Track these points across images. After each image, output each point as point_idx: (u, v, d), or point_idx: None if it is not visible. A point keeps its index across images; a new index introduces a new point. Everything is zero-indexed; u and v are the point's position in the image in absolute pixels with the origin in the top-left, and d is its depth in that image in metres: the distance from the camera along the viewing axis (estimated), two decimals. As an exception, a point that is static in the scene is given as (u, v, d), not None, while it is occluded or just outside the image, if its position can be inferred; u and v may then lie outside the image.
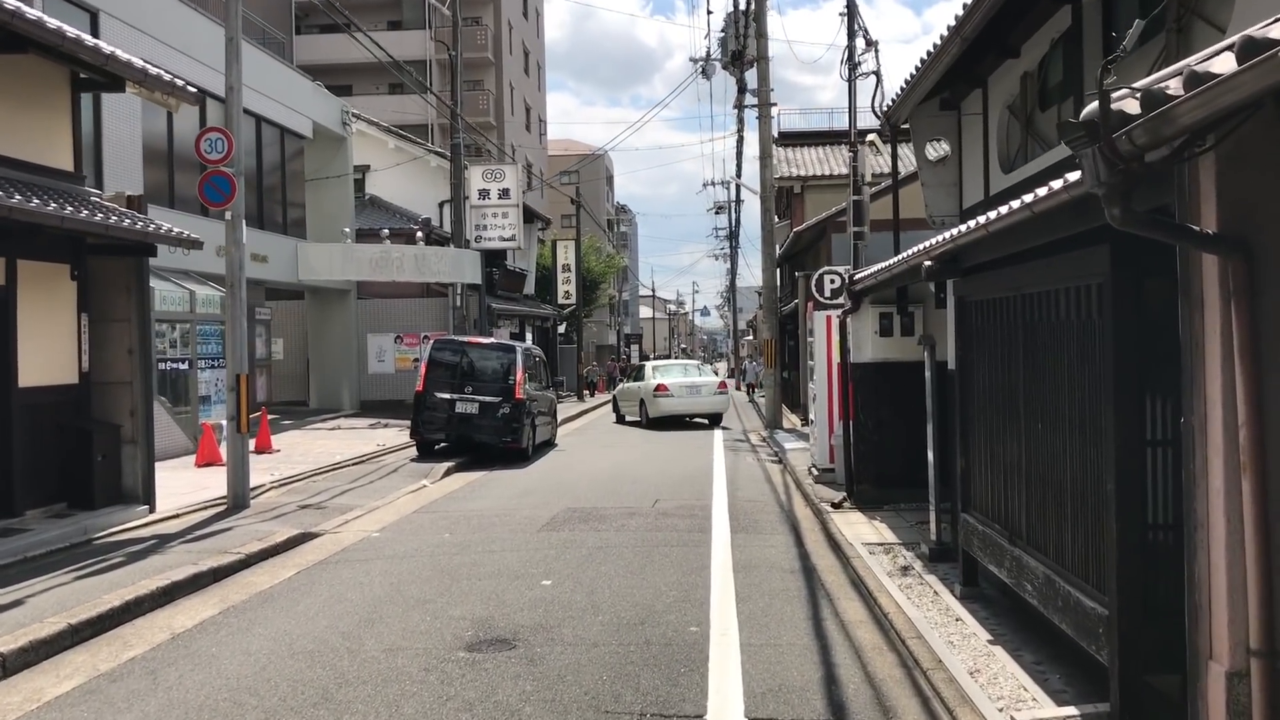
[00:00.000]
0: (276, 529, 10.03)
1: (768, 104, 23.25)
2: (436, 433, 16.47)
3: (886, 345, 11.08)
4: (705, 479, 13.96)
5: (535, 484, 13.71)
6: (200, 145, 11.09)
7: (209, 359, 17.74)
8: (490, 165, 26.72)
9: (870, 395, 11.14)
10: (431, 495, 12.93)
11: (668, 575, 7.89)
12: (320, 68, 43.73)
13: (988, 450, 6.52)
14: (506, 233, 26.02)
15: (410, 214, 28.31)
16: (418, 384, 16.53)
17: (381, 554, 9.05)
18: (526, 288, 36.89)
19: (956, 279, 7.06)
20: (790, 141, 34.81)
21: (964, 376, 7.10)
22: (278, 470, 14.56)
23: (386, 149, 29.35)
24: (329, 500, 12.31)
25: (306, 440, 19.10)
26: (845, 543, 9.06)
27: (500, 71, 50.20)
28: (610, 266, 50.74)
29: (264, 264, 21.38)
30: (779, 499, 12.17)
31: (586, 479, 14.06)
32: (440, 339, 17.06)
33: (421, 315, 26.98)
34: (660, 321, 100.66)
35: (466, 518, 10.96)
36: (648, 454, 17.58)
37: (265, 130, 22.07)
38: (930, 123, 11.23)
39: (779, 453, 17.18)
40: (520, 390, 16.32)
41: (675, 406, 23.97)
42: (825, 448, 13.13)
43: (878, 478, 11.11)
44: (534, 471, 15.28)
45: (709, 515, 10.81)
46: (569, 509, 11.32)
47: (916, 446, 11.13)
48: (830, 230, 23.20)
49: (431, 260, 24.48)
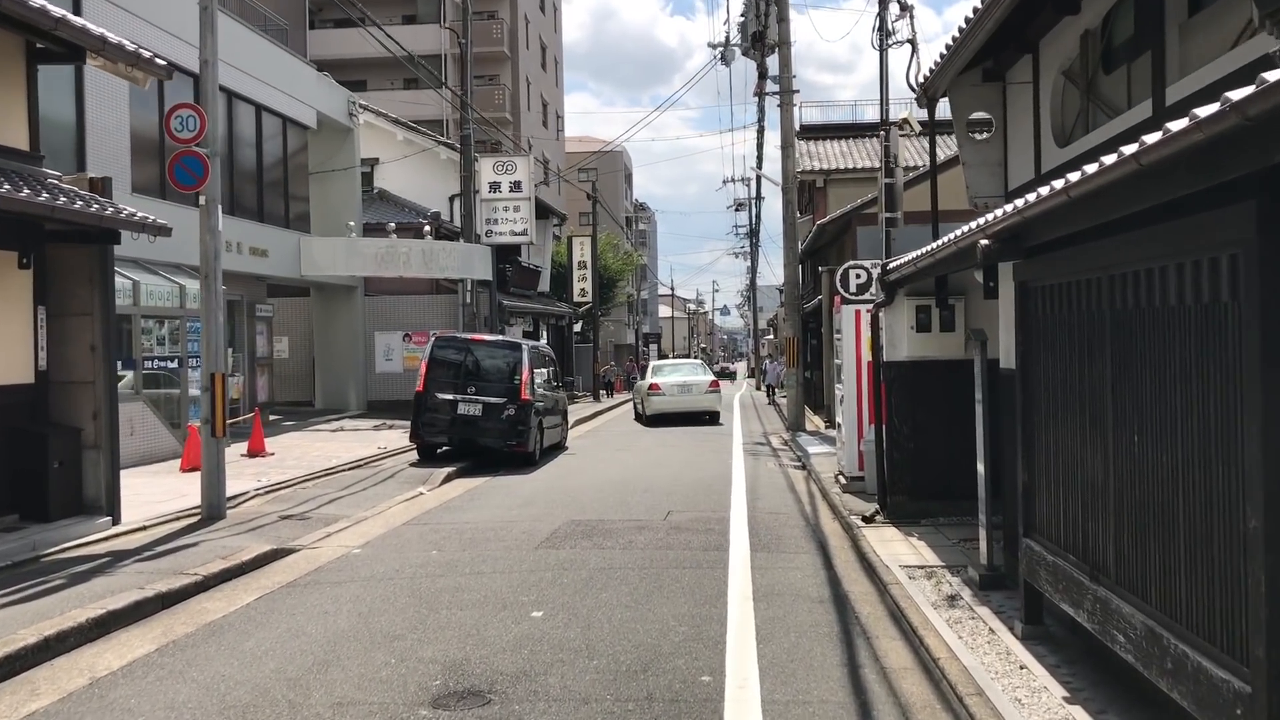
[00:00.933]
0: (247, 544, 9.07)
1: (790, 91, 22.16)
2: (438, 436, 15.49)
3: (924, 342, 10.01)
4: (723, 487, 12.91)
5: (539, 492, 12.71)
6: (170, 123, 10.15)
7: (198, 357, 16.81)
8: (501, 157, 25.75)
9: (905, 398, 10.07)
10: (426, 504, 11.94)
11: (677, 605, 6.85)
12: (334, 63, 42.94)
13: (1058, 465, 5.45)
14: (518, 227, 25.04)
15: (420, 208, 27.38)
16: (418, 384, 15.54)
17: (357, 575, 8.06)
18: (541, 285, 35.92)
19: (1017, 262, 5.99)
20: (812, 135, 33.90)
21: (1026, 376, 6.03)
22: (267, 476, 13.63)
23: (395, 141, 28.42)
24: (315, 510, 11.36)
25: (305, 443, 18.18)
26: (880, 564, 7.99)
27: (516, 66, 49.26)
28: (628, 264, 49.73)
29: (264, 258, 20.50)
30: (803, 511, 11.11)
31: (594, 487, 13.04)
32: (442, 336, 16.09)
33: (430, 313, 26.04)
34: (680, 321, 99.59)
35: (459, 531, 9.96)
36: (662, 459, 16.55)
37: (266, 120, 21.18)
38: (972, 95, 10.12)
39: (802, 458, 16.10)
40: (526, 391, 15.32)
41: (667, 405, 24.62)
42: (854, 454, 12.06)
43: (914, 489, 10.04)
44: (539, 478, 14.27)
45: (726, 530, 9.76)
46: (572, 522, 10.30)
47: (958, 454, 10.06)
48: (856, 223, 22.08)
49: (440, 255, 23.53)
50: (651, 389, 25.00)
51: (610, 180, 72.41)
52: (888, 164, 11.29)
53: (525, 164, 25.26)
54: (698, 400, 24.95)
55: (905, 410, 10.06)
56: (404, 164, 28.55)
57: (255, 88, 20.30)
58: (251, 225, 20.19)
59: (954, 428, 9.97)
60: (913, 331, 10.02)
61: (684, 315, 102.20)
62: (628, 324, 68.36)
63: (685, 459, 16.47)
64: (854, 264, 15.59)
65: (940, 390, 10.01)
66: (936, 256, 7.35)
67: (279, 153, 21.92)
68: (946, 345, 9.99)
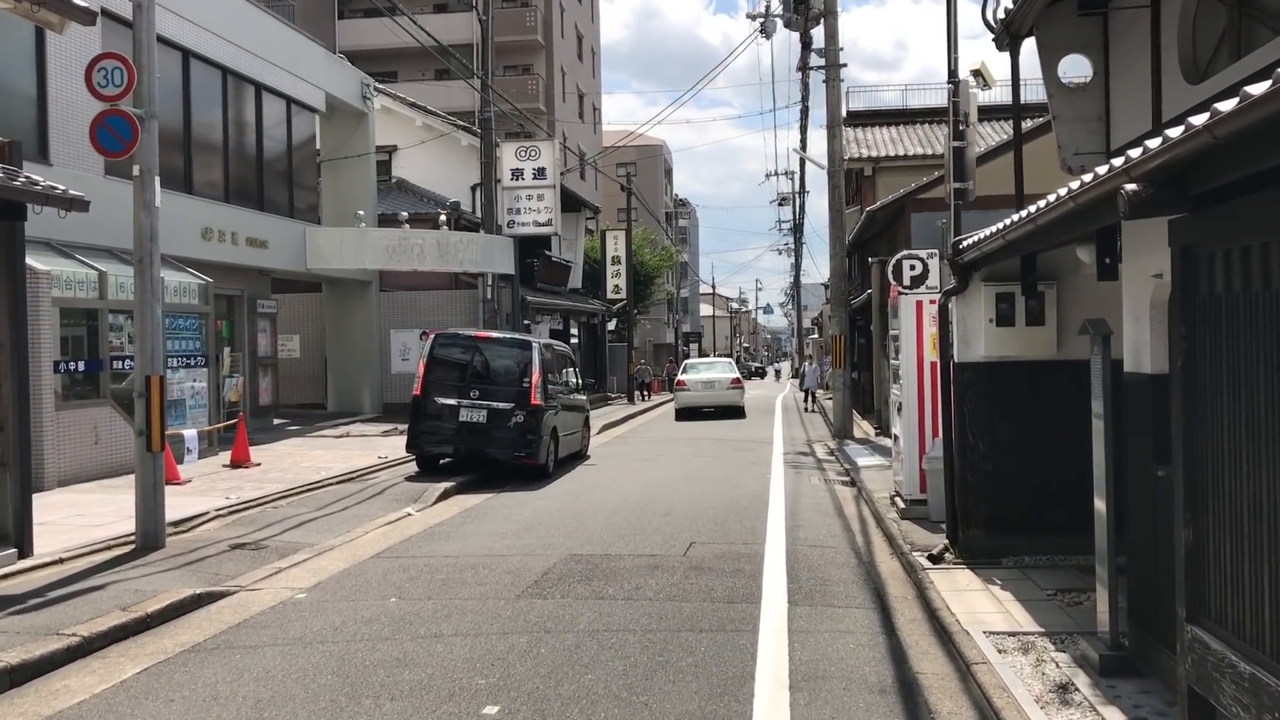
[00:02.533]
0: (167, 587, 7.38)
1: (836, 65, 20.22)
2: (438, 446, 13.78)
3: (1005, 339, 8.08)
4: (758, 509, 11.05)
5: (543, 514, 10.92)
6: (91, 77, 8.47)
7: (181, 356, 15.27)
8: (524, 142, 24.04)
9: (982, 407, 8.14)
10: (409, 529, 10.21)
11: (685, 697, 5.02)
12: (364, 53, 41.65)
13: (1250, 518, 3.56)
14: (542, 217, 23.29)
15: (440, 198, 25.76)
16: (415, 386, 13.83)
17: (284, 635, 6.32)
18: (572, 281, 34.19)
19: (1177, 219, 4.09)
20: (860, 121, 32.02)
21: (1190, 386, 4.11)
22: (240, 492, 11.99)
23: (414, 127, 26.83)
24: (276, 536, 9.68)
25: (300, 451, 16.56)
26: (958, 628, 6.10)
27: (551, 55, 47.61)
28: (665, 260, 47.84)
29: (263, 250, 18.94)
30: (854, 543, 9.21)
31: (609, 508, 11.23)
32: (443, 333, 14.36)
33: (450, 309, 24.39)
34: (721, 320, 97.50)
35: (433, 568, 8.19)
36: (692, 472, 14.69)
37: (267, 101, 19.61)
38: (1066, 32, 8.17)
39: (851, 471, 14.18)
40: (537, 395, 13.55)
41: (692, 399, 27.12)
42: (914, 472, 10.14)
43: (992, 520, 8.11)
44: (549, 495, 12.48)
45: (759, 571, 7.90)
46: (572, 557, 8.49)
47: (1048, 479, 8.11)
48: (909, 209, 20.04)
49: (457, 247, 21.84)
50: (678, 385, 27.85)
51: (649, 175, 70.62)
52: (956, 124, 9.38)
53: (549, 149, 23.51)
54: (720, 395, 26.93)
55: (982, 423, 8.14)
56: (423, 152, 26.95)
57: (254, 65, 18.74)
58: (249, 214, 18.63)
59: (1043, 445, 8.05)
60: (991, 325, 8.10)
61: (725, 314, 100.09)
62: (667, 323, 66.49)
63: (718, 473, 14.60)
64: (908, 254, 13.56)
65: (1026, 399, 8.09)
66: (1038, 223, 5.44)
67: (282, 137, 20.34)
68: (1034, 342, 8.05)
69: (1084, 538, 8.02)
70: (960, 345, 8.26)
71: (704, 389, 27.09)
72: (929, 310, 10.24)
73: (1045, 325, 8.03)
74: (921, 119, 32.35)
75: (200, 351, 15.78)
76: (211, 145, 17.96)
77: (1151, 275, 5.09)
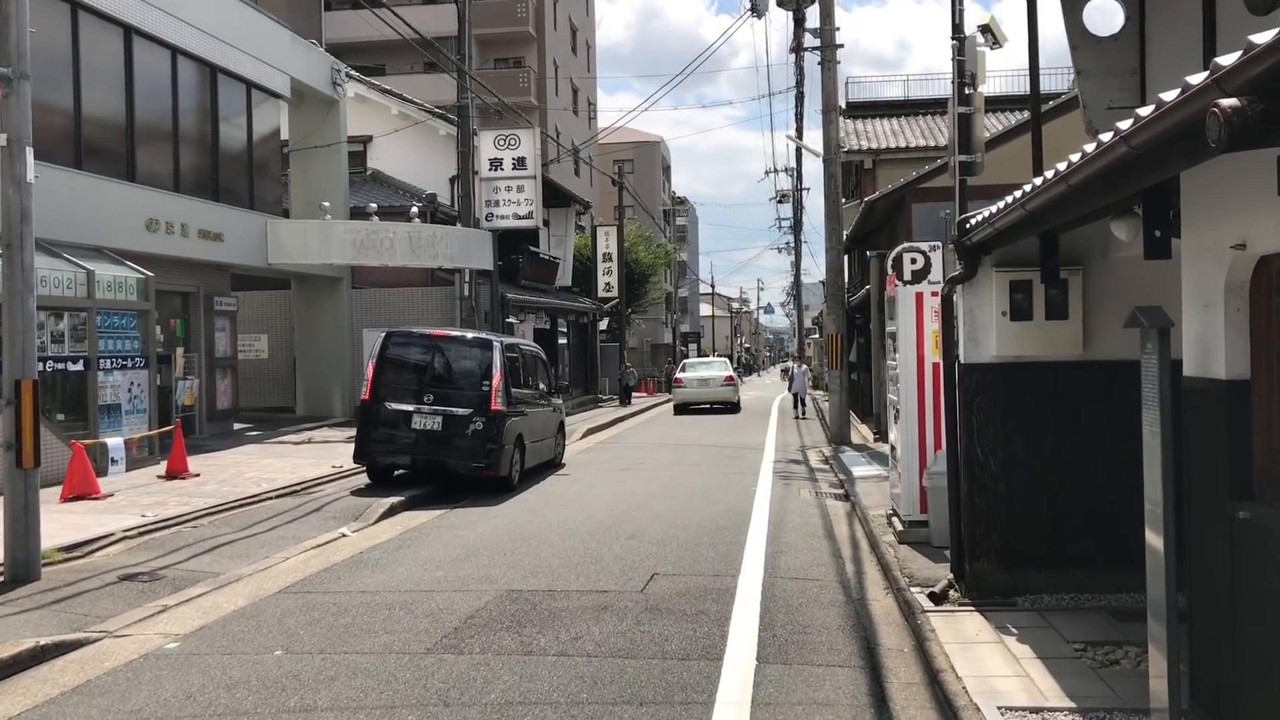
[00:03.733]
0: (17, 634, 6.12)
1: (832, 45, 18.93)
2: (389, 456, 12.49)
3: (1021, 335, 6.78)
4: (738, 529, 9.76)
5: (494, 535, 9.63)
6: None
7: (116, 356, 14.00)
8: (502, 130, 22.74)
9: (993, 417, 6.85)
10: (336, 554, 8.93)
11: (601, 814, 3.73)
12: (352, 46, 40.40)
13: None
14: (522, 209, 21.98)
15: (417, 191, 24.48)
16: (364, 390, 12.55)
17: (122, 708, 5.04)
18: (561, 278, 32.87)
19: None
20: (860, 113, 30.83)
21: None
22: (162, 508, 10.73)
23: (390, 116, 25.54)
24: (181, 564, 8.42)
25: (250, 460, 15.29)
26: (966, 701, 4.81)
27: (543, 48, 46.31)
28: (661, 258, 46.50)
29: (217, 243, 17.67)
30: (843, 575, 7.92)
31: (568, 528, 9.95)
32: (396, 331, 13.07)
33: (426, 307, 23.14)
34: (721, 320, 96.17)
35: (342, 609, 6.90)
36: (671, 483, 13.39)
37: (224, 85, 18.33)
38: (1093, -29, 6.92)
39: (845, 483, 12.90)
40: (498, 399, 12.26)
41: (688, 396, 29.16)
42: (914, 489, 8.86)
43: (1005, 551, 6.82)
44: (507, 511, 11.19)
45: (727, 614, 6.61)
46: (509, 594, 7.20)
47: (1073, 502, 6.83)
48: (910, 199, 18.74)
49: (430, 241, 20.55)
50: (675, 382, 30.22)
51: (646, 172, 69.32)
52: (961, 87, 8.09)
53: (530, 137, 22.20)
54: (715, 392, 29.03)
55: (993, 436, 6.84)
56: (401, 144, 25.66)
57: (208, 46, 17.48)
58: (202, 204, 17.36)
59: (1065, 463, 6.76)
60: (1004, 320, 6.80)
61: (726, 314, 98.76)
62: (665, 323, 65.19)
63: (699, 484, 13.30)
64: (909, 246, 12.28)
65: (1045, 407, 6.80)
66: (1071, 182, 4.14)
67: (242, 123, 19.07)
68: (1054, 340, 6.76)
69: (1114, 574, 6.75)
70: (967, 343, 6.97)
71: (700, 386, 29.11)
72: (931, 304, 8.96)
73: (1069, 319, 6.73)
74: (924, 110, 31.17)
75: (138, 351, 14.51)
76: (159, 131, 16.69)
77: (1230, 246, 3.80)
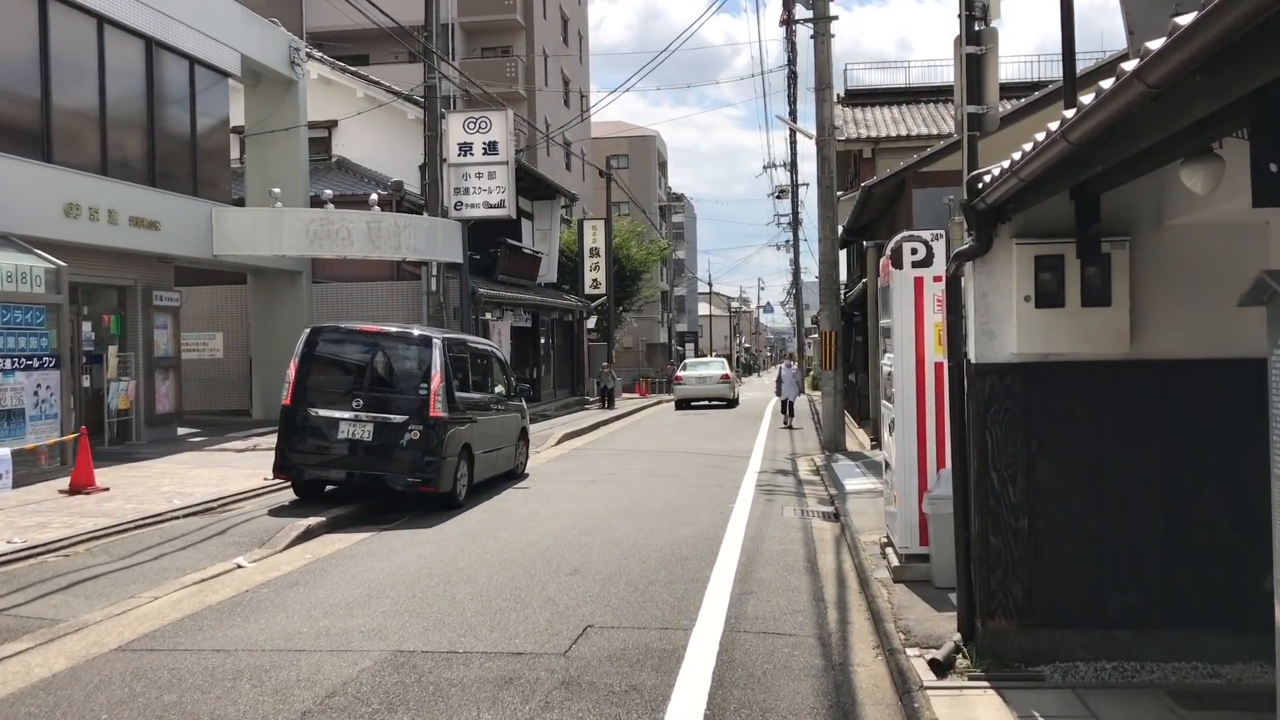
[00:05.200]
0: None
1: (826, 18, 17.42)
2: (315, 469, 10.95)
3: (1050, 327, 5.23)
4: (703, 560, 8.22)
5: (410, 569, 8.09)
6: None
7: (19, 355, 12.50)
8: (472, 113, 21.20)
9: (1015, 432, 5.30)
10: (215, 594, 7.40)
11: None
12: (334, 34, 38.87)
13: None
14: (494, 197, 20.44)
15: (384, 179, 22.97)
16: (285, 394, 11.00)
17: None
18: (546, 274, 31.33)
19: None
20: (859, 101, 29.54)
21: None
22: (39, 532, 9.26)
23: (355, 99, 24.00)
24: (20, 606, 7.01)
25: (178, 470, 13.77)
26: None
27: (531, 36, 44.75)
28: (653, 254, 44.93)
29: (152, 232, 16.16)
30: (823, 628, 6.36)
31: (504, 558, 8.41)
32: (322, 326, 11.50)
33: (391, 302, 21.66)
34: (720, 319, 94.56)
35: (175, 679, 5.37)
36: (638, 500, 11.85)
37: (162, 59, 16.82)
38: None
39: (835, 498, 11.37)
40: (437, 405, 10.72)
41: (688, 392, 31.65)
42: (912, 516, 7.33)
43: (1028, 605, 5.28)
44: (443, 535, 9.65)
45: (666, 691, 5.06)
46: (394, 658, 5.65)
47: (1119, 544, 5.24)
48: (911, 184, 17.18)
49: (392, 231, 19.01)
50: (675, 380, 33.09)
51: (642, 167, 67.73)
52: (970, 21, 6.56)
53: (502, 120, 20.64)
54: (712, 389, 31.45)
55: (1013, 456, 5.30)
56: (368, 129, 24.14)
57: (143, 17, 15.97)
58: (134, 189, 15.84)
59: (1107, 492, 5.22)
60: (1028, 306, 5.25)
61: (724, 313, 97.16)
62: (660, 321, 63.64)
63: (671, 500, 11.77)
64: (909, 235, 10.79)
65: (1082, 419, 5.26)
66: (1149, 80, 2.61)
67: (184, 102, 17.55)
68: (1094, 332, 5.21)
69: (1171, 637, 5.21)
70: (979, 338, 5.42)
71: (698, 383, 31.56)
72: (934, 291, 7.43)
73: (1112, 306, 5.18)
74: (926, 98, 29.82)
75: (46, 350, 12.99)
76: (82, 109, 15.18)
77: None
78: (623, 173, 59.01)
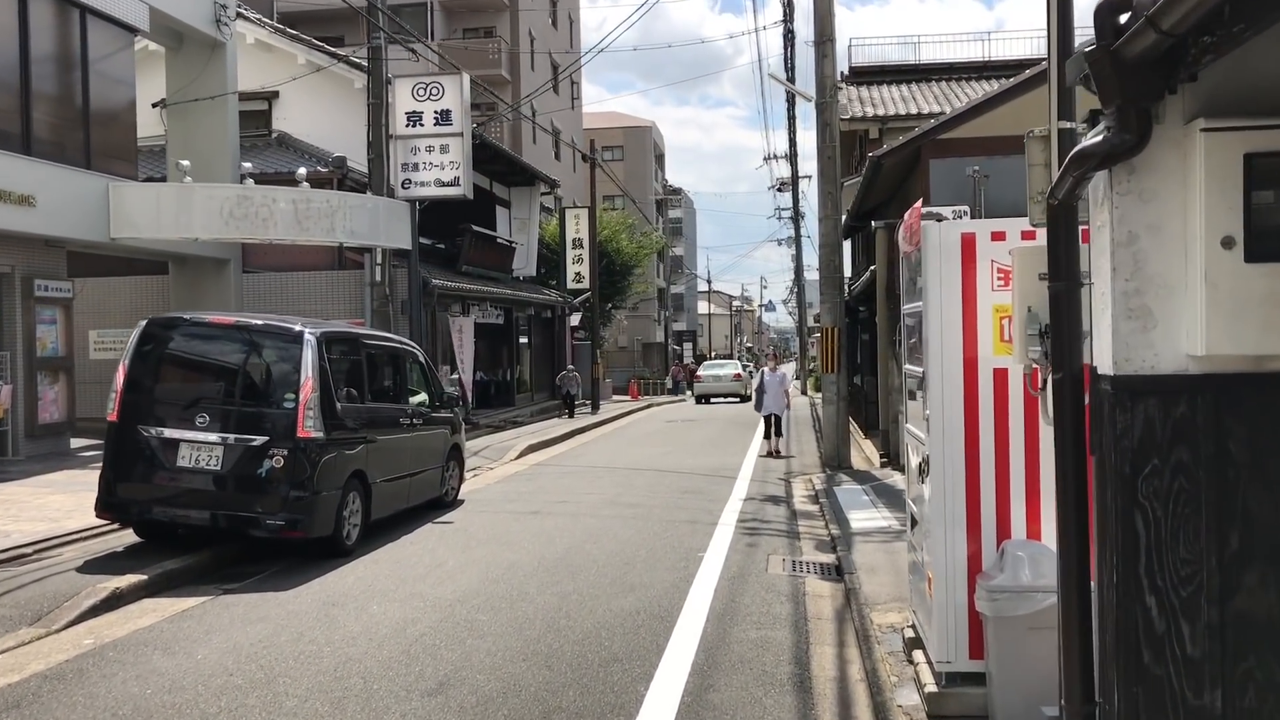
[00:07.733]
0: None
1: (827, -42, 14.73)
2: (157, 507, 8.25)
3: (1278, 301, 2.56)
4: (641, 661, 5.55)
5: (201, 679, 5.42)
6: None
7: None
8: (423, 77, 18.59)
9: (1196, 514, 2.63)
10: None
11: None
12: (308, 14, 36.42)
13: None
14: (446, 174, 17.77)
15: (328, 155, 20.30)
16: (111, 408, 8.31)
17: None
18: (525, 266, 28.68)
19: None
20: (865, 79, 27.30)
21: None
22: None
23: (297, 66, 21.32)
24: None
25: (30, 495, 11.13)
26: None
27: (516, 16, 42.11)
28: (645, 247, 42.24)
29: (25, 209, 13.51)
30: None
31: (349, 656, 5.74)
32: (158, 319, 8.81)
33: (331, 294, 19.02)
34: (721, 318, 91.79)
35: None
36: (583, 542, 9.16)
37: (41, 6, 14.19)
38: None
39: (838, 541, 8.68)
40: (308, 421, 8.04)
41: (706, 389, 37.39)
42: (958, 612, 4.66)
43: None
44: (284, 611, 6.94)
45: None
46: None
47: None
48: (928, 154, 14.50)
49: (323, 211, 16.35)
50: (695, 379, 39.58)
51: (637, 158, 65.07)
52: None
53: (455, 85, 17.96)
54: (726, 385, 37.26)
55: (1193, 562, 2.63)
56: (313, 101, 21.50)
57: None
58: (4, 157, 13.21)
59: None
60: (1230, 258, 2.57)
61: (725, 312, 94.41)
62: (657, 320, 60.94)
63: (625, 542, 9.09)
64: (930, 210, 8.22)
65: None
66: None
67: (72, 59, 14.91)
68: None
69: None
70: (1121, 324, 2.74)
71: (715, 381, 37.71)
72: (991, 254, 4.77)
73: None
74: (936, 75, 27.49)
75: None
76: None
77: None
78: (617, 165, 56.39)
